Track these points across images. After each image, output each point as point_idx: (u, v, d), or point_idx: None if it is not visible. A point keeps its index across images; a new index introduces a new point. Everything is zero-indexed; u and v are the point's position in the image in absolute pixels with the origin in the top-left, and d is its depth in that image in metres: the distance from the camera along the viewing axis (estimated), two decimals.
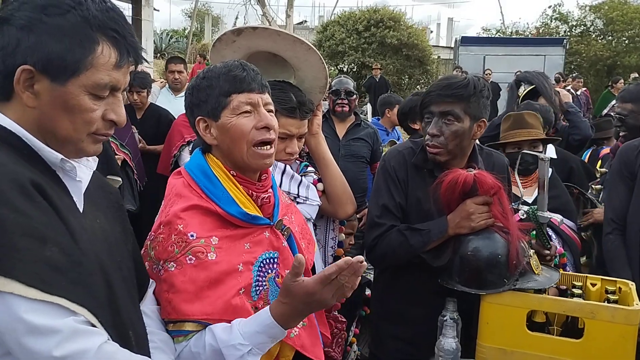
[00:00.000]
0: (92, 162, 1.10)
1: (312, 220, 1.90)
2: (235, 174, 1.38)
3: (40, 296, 0.83)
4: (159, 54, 18.17)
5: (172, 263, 1.26)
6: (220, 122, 1.35)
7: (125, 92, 4.08)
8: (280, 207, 1.47)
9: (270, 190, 1.44)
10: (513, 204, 1.87)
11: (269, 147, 1.38)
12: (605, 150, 3.61)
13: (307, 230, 1.62)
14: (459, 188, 1.71)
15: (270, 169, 1.74)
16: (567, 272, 1.89)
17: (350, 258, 1.13)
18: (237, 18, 15.67)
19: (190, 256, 1.26)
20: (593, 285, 1.81)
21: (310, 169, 2.00)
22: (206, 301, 1.25)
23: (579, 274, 1.87)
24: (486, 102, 1.86)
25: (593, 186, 2.98)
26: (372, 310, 2.12)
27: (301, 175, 1.92)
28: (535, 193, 2.48)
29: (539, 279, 1.68)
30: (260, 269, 1.34)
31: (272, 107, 1.41)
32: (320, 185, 1.96)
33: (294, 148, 1.81)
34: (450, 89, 1.79)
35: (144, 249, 1.34)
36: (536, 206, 1.87)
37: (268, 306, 1.26)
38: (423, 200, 1.86)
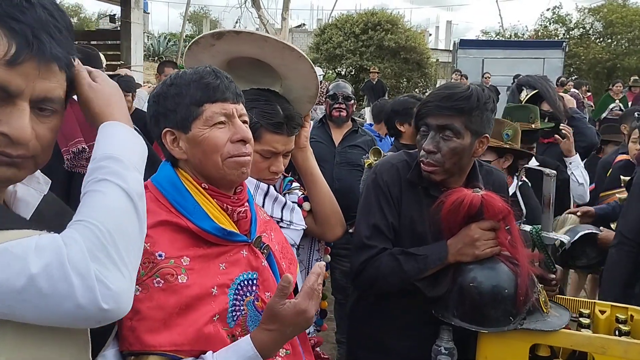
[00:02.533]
0: (43, 185, 0.95)
1: (296, 246, 1.74)
2: (207, 187, 1.25)
3: None
4: (156, 58, 18.07)
5: (137, 286, 1.11)
6: (191, 134, 1.23)
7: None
8: (259, 223, 1.35)
9: (247, 204, 1.32)
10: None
11: (244, 155, 1.25)
12: (621, 157, 3.43)
13: (288, 249, 1.49)
14: (463, 210, 1.53)
15: (252, 190, 1.61)
16: (574, 298, 1.73)
17: (322, 262, 1.12)
18: (237, 22, 15.53)
19: (158, 279, 1.13)
20: (602, 312, 1.65)
21: (295, 184, 1.84)
22: (175, 330, 1.11)
23: (587, 300, 1.70)
24: (490, 116, 1.67)
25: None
26: (350, 340, 1.94)
27: (285, 193, 1.76)
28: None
29: (548, 318, 1.51)
30: (237, 292, 1.22)
31: (246, 119, 1.29)
32: (306, 205, 1.78)
33: (279, 167, 1.64)
34: (451, 100, 1.60)
35: None
36: (540, 225, 1.71)
37: (248, 335, 1.14)
38: (417, 220, 1.69)
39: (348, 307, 1.97)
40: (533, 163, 2.91)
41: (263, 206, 1.63)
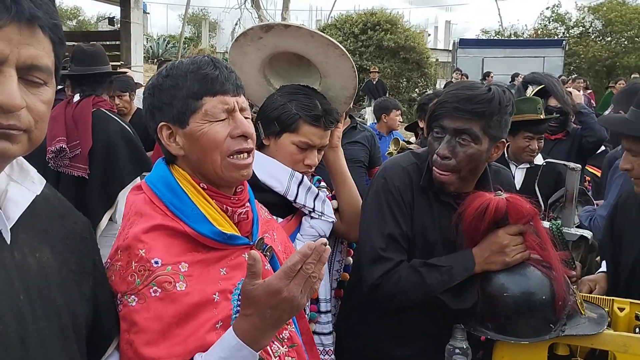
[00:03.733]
0: (37, 185, 0.89)
1: (326, 237, 1.71)
2: (206, 187, 1.18)
3: None
4: (156, 60, 18.02)
5: (132, 296, 1.06)
6: (189, 129, 1.16)
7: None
8: (260, 223, 1.28)
9: (248, 204, 1.25)
10: None
11: (246, 155, 1.18)
12: None
13: (291, 249, 1.42)
14: (489, 216, 1.43)
15: (287, 178, 1.60)
16: (592, 295, 1.68)
17: (313, 242, 0.99)
18: (236, 24, 15.54)
19: (155, 287, 1.06)
20: (621, 309, 1.60)
21: (323, 184, 1.83)
22: (175, 340, 1.05)
23: (605, 297, 1.65)
24: (509, 120, 1.56)
25: None
26: (345, 347, 1.81)
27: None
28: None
29: (588, 321, 1.42)
30: (240, 297, 1.13)
31: (248, 114, 1.22)
32: (334, 203, 1.79)
33: (313, 160, 1.66)
34: (471, 103, 1.48)
35: None
36: (560, 221, 1.65)
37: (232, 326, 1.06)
38: (429, 227, 1.60)
39: (338, 314, 1.85)
40: (539, 159, 2.86)
41: (296, 195, 1.63)
